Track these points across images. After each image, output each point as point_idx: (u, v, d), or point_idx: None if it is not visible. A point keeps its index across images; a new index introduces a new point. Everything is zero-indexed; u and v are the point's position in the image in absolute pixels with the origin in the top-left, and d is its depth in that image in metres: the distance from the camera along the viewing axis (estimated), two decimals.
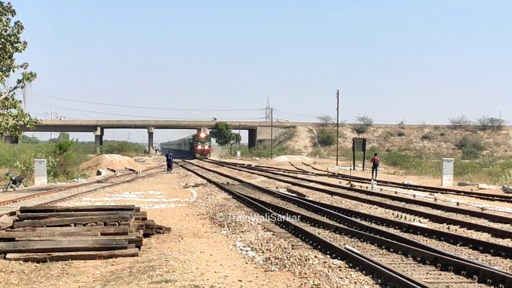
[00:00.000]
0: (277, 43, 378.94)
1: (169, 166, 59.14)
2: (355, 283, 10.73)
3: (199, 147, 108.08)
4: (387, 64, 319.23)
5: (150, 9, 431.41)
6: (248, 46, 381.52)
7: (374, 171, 46.30)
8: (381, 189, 34.43)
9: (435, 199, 28.09)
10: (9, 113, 43.26)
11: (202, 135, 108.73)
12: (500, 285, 10.61)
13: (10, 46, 42.73)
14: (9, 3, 42.24)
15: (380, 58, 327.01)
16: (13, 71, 43.32)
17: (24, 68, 43.86)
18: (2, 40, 41.97)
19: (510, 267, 12.47)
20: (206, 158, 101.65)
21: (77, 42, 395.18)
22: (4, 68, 42.02)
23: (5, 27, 42.38)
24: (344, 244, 15.07)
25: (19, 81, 44.13)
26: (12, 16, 43.25)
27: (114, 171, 60.86)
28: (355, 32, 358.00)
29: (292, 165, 75.97)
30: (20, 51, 43.61)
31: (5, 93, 43.47)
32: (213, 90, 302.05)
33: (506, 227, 18.55)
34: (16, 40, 43.21)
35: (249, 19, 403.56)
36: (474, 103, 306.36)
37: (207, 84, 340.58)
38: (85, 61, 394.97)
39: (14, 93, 43.71)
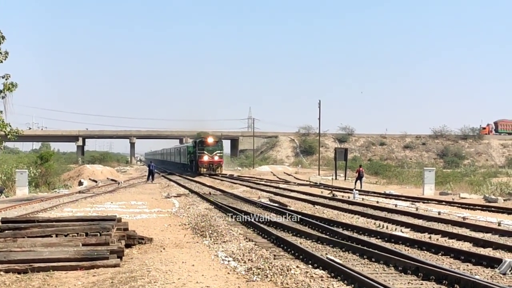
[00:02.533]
0: (259, 53, 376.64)
1: (152, 176, 59.07)
2: None
3: (206, 158, 71.87)
4: (368, 74, 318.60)
5: (129, 18, 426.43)
6: (230, 56, 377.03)
7: (359, 182, 46.34)
8: (363, 199, 34.57)
9: (417, 209, 28.25)
10: None
11: (211, 140, 73.58)
12: None
13: None
14: None
15: (362, 68, 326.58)
16: None
17: (6, 79, 43.62)
18: None
19: (491, 277, 12.57)
20: (217, 175, 69.44)
21: (59, 50, 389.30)
22: None
23: None
24: (326, 254, 15.14)
25: (0, 91, 44.07)
26: None
27: (96, 181, 60.66)
28: (337, 42, 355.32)
29: (274, 175, 76.02)
30: (1, 62, 43.43)
31: None
32: (195, 100, 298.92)
33: (487, 236, 18.72)
34: None
35: (232, 29, 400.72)
36: (456, 113, 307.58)
37: (190, 94, 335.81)
38: (67, 70, 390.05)
39: None
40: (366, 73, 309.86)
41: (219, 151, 74.03)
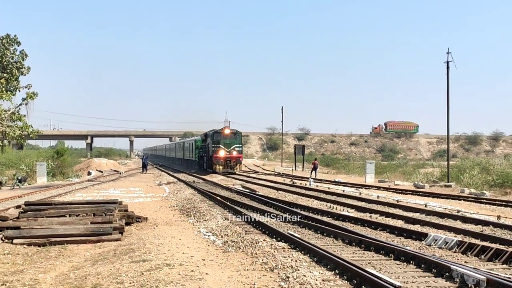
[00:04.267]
0: (234, 63, 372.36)
1: (145, 168, 58.77)
2: (296, 261, 10.79)
3: (222, 153, 50.19)
4: (320, 82, 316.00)
5: (122, 25, 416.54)
6: (212, 72, 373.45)
7: (314, 172, 46.49)
8: (317, 186, 34.70)
9: (360, 193, 28.39)
10: (16, 125, 42.99)
11: (227, 131, 51.88)
12: (411, 262, 10.79)
13: (16, 71, 42.45)
14: (15, 35, 41.84)
15: (317, 75, 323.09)
16: (19, 91, 43.03)
17: (28, 89, 43.59)
18: (10, 66, 41.67)
19: (419, 248, 12.68)
20: (234, 173, 49.78)
21: (72, 65, 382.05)
22: (11, 89, 41.84)
23: (12, 55, 42.08)
24: (287, 230, 15.15)
25: (23, 99, 43.82)
26: (18, 46, 42.91)
27: (101, 172, 60.32)
28: (294, 54, 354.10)
29: (245, 166, 76.06)
30: (25, 75, 43.29)
31: (12, 109, 43.12)
32: (182, 105, 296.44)
33: (416, 215, 18.86)
34: (21, 66, 42.86)
35: (208, 34, 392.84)
36: (391, 116, 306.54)
37: (177, 101, 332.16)
38: (77, 80, 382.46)
39: (20, 109, 43.42)
40: (319, 81, 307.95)
41: (237, 145, 50.34)
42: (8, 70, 41.95)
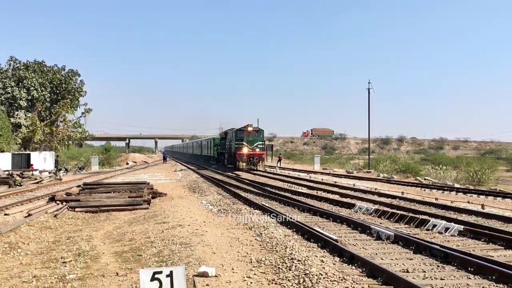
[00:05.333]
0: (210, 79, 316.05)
1: (165, 160, 58.88)
2: (266, 221, 10.80)
3: (245, 150, 35.11)
4: (279, 97, 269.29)
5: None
6: (209, 89, 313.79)
7: (279, 163, 46.49)
8: (281, 172, 34.75)
9: (310, 177, 28.53)
10: (77, 131, 43.04)
11: (250, 129, 35.79)
12: (344, 223, 10.86)
13: (77, 94, 42.38)
14: (76, 70, 41.80)
15: (276, 85, 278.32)
16: (79, 107, 42.95)
17: (85, 106, 43.37)
18: (73, 91, 41.65)
19: (349, 214, 12.75)
20: (256, 170, 34.64)
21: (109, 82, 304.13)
22: (74, 106, 41.81)
23: (74, 83, 41.99)
24: (261, 202, 15.15)
25: (82, 113, 43.88)
26: (78, 77, 42.71)
27: (135, 162, 60.10)
28: (269, 65, 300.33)
29: None
30: (83, 96, 43.24)
31: (75, 119, 43.00)
32: (191, 115, 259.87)
33: (347, 192, 18.94)
34: (80, 90, 42.78)
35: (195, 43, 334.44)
36: (330, 123, 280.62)
37: (187, 111, 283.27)
38: (120, 95, 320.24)
39: (80, 119, 43.40)
40: (277, 98, 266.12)
41: (260, 142, 35.75)
42: (71, 94, 41.78)
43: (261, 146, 35.19)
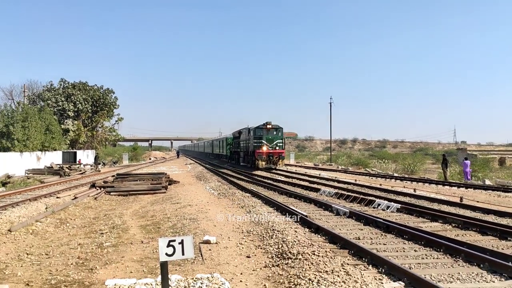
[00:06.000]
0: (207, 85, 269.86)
1: (178, 156, 58.71)
2: (254, 202, 10.76)
3: (265, 148, 24.03)
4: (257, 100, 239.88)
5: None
6: (207, 95, 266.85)
7: None
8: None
9: (287, 168, 28.44)
10: (112, 134, 42.40)
11: (270, 126, 24.65)
12: (312, 203, 10.84)
13: (112, 106, 41.86)
14: (111, 88, 41.30)
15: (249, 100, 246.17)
16: (113, 117, 42.42)
17: (118, 115, 42.79)
18: (109, 104, 41.16)
19: (316, 196, 12.74)
20: (275, 169, 24.61)
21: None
22: (109, 116, 41.26)
23: (110, 99, 41.47)
24: (250, 187, 15.10)
25: (116, 121, 43.26)
26: (113, 93, 42.22)
27: (156, 158, 59.29)
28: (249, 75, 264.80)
29: None
30: (117, 108, 42.73)
31: (110, 126, 42.49)
32: (197, 121, 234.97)
33: (315, 179, 18.87)
34: (114, 103, 42.25)
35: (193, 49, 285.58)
36: (301, 126, 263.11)
37: (195, 118, 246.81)
38: (144, 104, 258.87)
39: (114, 126, 42.84)
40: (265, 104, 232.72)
41: (279, 140, 25.31)
42: (108, 106, 41.28)
43: (281, 144, 25.57)
